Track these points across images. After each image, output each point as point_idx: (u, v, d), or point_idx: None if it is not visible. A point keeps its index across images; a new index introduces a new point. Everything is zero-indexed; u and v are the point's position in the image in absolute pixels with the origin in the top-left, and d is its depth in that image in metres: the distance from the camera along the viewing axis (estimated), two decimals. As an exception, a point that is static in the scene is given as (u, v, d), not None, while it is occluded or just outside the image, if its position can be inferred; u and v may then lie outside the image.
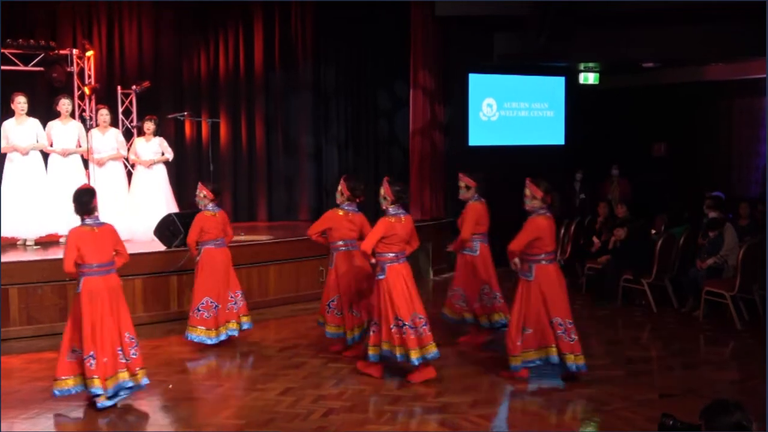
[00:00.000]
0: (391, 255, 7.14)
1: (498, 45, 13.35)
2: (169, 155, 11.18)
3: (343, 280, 7.86)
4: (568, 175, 13.79)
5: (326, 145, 13.57)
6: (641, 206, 12.27)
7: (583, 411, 6.56)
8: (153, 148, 11.04)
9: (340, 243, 7.87)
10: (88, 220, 6.57)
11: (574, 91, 14.42)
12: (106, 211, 10.32)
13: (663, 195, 13.45)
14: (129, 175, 11.36)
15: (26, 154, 10.33)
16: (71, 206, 6.59)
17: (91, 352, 6.41)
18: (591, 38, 12.56)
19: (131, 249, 8.86)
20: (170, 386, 7.14)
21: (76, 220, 6.55)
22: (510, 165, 13.45)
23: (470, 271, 8.40)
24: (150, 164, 10.97)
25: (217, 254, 8.34)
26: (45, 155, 10.59)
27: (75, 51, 12.35)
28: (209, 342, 8.22)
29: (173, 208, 10.85)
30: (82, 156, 10.72)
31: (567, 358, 7.12)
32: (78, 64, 12.46)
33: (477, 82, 13.64)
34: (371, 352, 7.20)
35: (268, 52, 13.50)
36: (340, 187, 7.92)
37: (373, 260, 7.26)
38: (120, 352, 6.56)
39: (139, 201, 10.83)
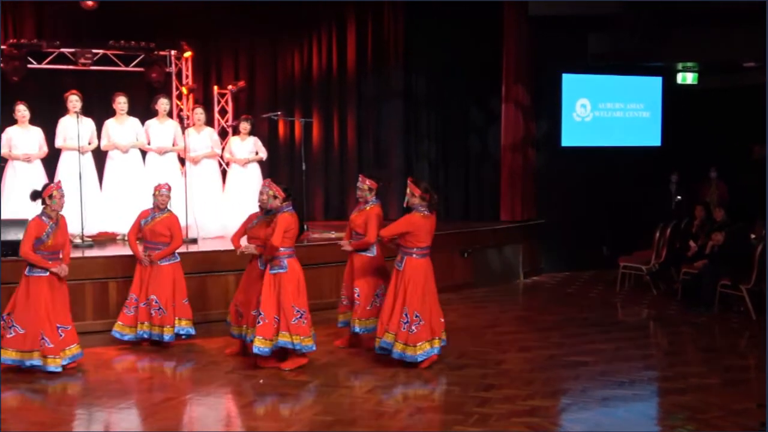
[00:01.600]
0: (290, 250, 7.51)
1: (592, 44, 13.13)
2: (263, 154, 11.37)
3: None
4: (663, 177, 13.48)
5: (415, 146, 13.60)
6: (739, 210, 11.89)
7: (677, 419, 6.40)
8: (248, 147, 11.25)
9: None
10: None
11: (671, 91, 14.08)
12: (200, 208, 10.65)
13: (762, 199, 13.01)
14: (223, 173, 11.59)
15: (126, 152, 10.66)
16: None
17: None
18: (688, 37, 12.24)
19: (226, 246, 9.08)
20: (261, 381, 7.25)
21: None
22: (604, 166, 13.30)
23: (371, 270, 8.28)
24: (245, 163, 11.17)
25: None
26: (143, 153, 10.91)
27: (173, 52, 12.69)
28: None
29: (266, 207, 11.02)
30: (178, 154, 11.00)
31: (396, 345, 7.45)
32: (176, 64, 12.80)
33: (571, 82, 13.45)
34: (265, 345, 7.39)
35: (360, 55, 13.58)
36: (273, 192, 7.77)
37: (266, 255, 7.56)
38: (41, 336, 7.24)
39: (233, 199, 11.04)
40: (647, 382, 7.43)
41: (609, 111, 13.83)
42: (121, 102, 10.66)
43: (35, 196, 7.50)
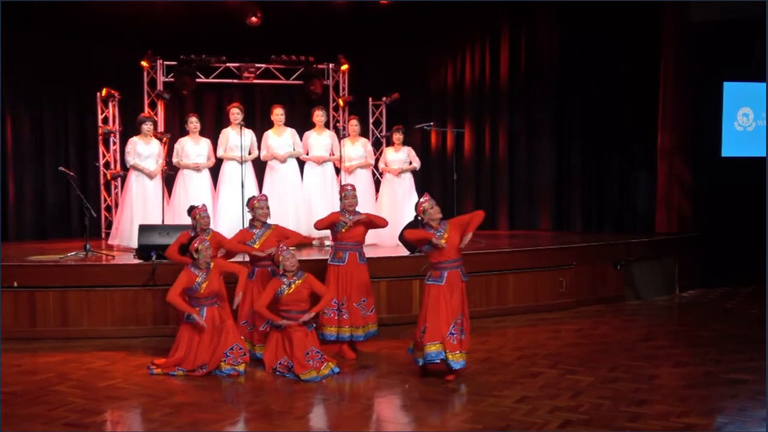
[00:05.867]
0: None
1: (757, 51, 12.65)
2: (417, 164, 11.58)
3: None
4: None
5: (568, 158, 13.51)
6: None
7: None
8: (401, 157, 11.49)
9: None
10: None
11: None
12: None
13: None
14: (377, 183, 11.87)
15: (284, 161, 11.09)
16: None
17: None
18: None
19: (377, 253, 9.25)
20: (407, 386, 7.40)
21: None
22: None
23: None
24: (398, 173, 11.41)
25: None
26: (301, 163, 11.33)
27: (331, 65, 13.11)
28: None
29: (418, 215, 11.20)
30: (333, 164, 11.35)
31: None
32: (334, 77, 13.21)
33: (732, 90, 12.99)
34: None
35: (513, 66, 13.65)
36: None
37: None
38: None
39: (386, 207, 11.27)
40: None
41: (774, 120, 13.28)
42: (278, 113, 11.12)
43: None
